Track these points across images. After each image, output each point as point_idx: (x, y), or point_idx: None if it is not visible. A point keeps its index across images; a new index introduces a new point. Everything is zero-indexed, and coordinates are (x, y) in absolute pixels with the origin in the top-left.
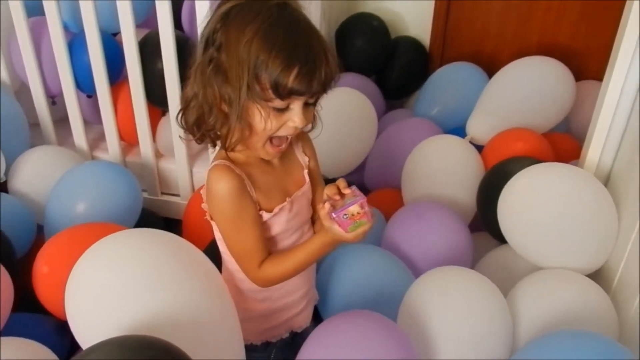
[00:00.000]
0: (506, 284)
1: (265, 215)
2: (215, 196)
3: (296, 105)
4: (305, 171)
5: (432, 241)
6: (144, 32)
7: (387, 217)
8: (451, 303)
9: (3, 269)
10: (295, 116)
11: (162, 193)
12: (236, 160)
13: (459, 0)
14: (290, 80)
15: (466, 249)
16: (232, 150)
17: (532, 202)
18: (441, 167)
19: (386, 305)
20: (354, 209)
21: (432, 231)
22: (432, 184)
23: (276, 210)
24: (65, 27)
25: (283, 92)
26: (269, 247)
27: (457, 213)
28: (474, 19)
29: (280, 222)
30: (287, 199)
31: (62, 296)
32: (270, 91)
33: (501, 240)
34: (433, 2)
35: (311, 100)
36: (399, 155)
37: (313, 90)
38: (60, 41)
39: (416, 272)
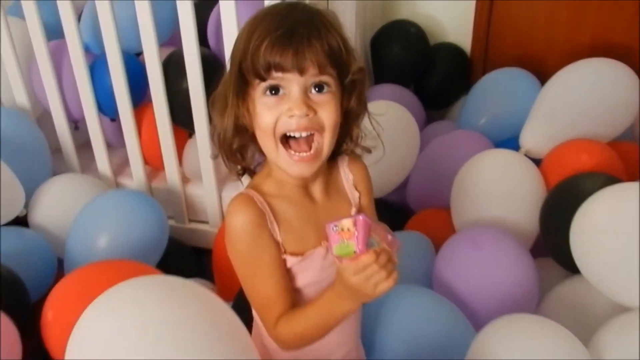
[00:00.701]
0: (584, 328)
1: (291, 260)
2: (228, 231)
3: (292, 88)
4: (354, 210)
5: (492, 275)
6: (169, 50)
7: (436, 242)
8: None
9: (5, 319)
10: (292, 101)
11: (190, 220)
12: (265, 191)
13: (502, 1)
14: (262, 50)
15: (532, 284)
16: (254, 171)
17: (613, 227)
18: (496, 185)
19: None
20: (346, 223)
21: (492, 263)
22: (486, 205)
23: (307, 254)
24: (87, 49)
25: (259, 67)
26: (296, 301)
27: (518, 240)
28: (519, 21)
29: (311, 270)
30: (323, 243)
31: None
32: (251, 74)
33: (570, 269)
34: (473, 4)
35: (316, 79)
36: (445, 171)
37: (298, 63)
38: (81, 63)
39: (474, 313)
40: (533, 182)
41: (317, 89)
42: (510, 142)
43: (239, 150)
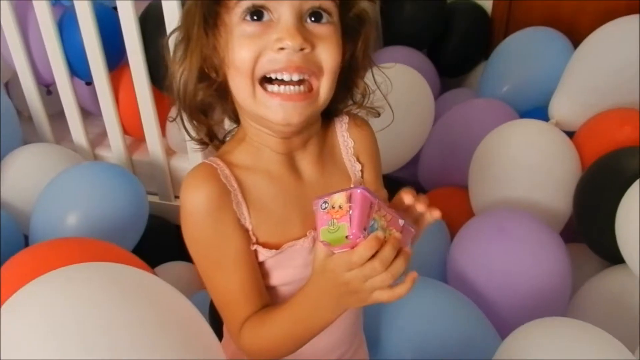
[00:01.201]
0: (626, 328)
1: (264, 254)
2: (183, 212)
3: (282, 12)
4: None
5: (519, 266)
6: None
7: (451, 225)
8: None
9: None
10: (282, 29)
11: (176, 197)
12: (235, 161)
13: None
14: None
15: (565, 277)
16: (222, 141)
17: None
18: (523, 161)
19: None
20: (338, 198)
21: (519, 251)
22: (511, 183)
23: (285, 247)
24: (58, 1)
25: None
26: (270, 300)
27: (550, 226)
28: None
29: (291, 267)
30: (309, 233)
31: None
32: None
33: (609, 258)
34: None
35: (315, 3)
36: (463, 145)
37: None
38: (48, 17)
39: (495, 309)
40: (566, 157)
41: (314, 18)
42: (538, 112)
43: (203, 106)
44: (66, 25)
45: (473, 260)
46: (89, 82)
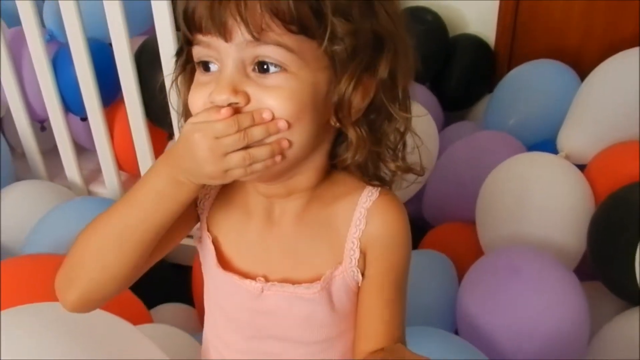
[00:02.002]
0: None
1: (205, 236)
2: None
3: (225, 61)
4: (339, 272)
5: (534, 308)
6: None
7: (458, 262)
8: None
9: None
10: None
11: None
12: None
13: None
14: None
15: (583, 320)
16: None
17: None
18: (533, 195)
19: None
20: None
21: (534, 293)
22: (520, 218)
23: (236, 279)
24: (52, 37)
25: (185, 22)
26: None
27: (565, 265)
28: (550, 10)
29: (227, 292)
30: (261, 279)
31: None
32: (182, 29)
33: (629, 299)
34: None
35: (257, 52)
36: (469, 179)
37: (215, 17)
38: (42, 53)
39: (515, 350)
40: (579, 191)
41: (257, 69)
42: (545, 145)
43: None
44: (60, 61)
45: (484, 304)
46: (84, 118)
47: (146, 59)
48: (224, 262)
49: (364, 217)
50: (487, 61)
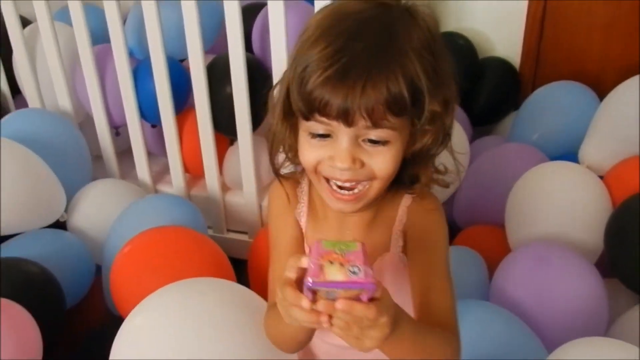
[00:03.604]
0: None
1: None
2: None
3: (340, 135)
4: (387, 258)
5: (561, 295)
6: (210, 57)
7: (487, 260)
8: None
9: (29, 319)
10: (337, 150)
11: (229, 230)
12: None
13: (554, 15)
14: (312, 80)
15: (603, 307)
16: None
17: None
18: (558, 200)
19: None
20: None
21: (561, 281)
22: (546, 220)
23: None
24: (130, 54)
25: (301, 106)
26: None
27: (586, 259)
28: (573, 35)
29: None
30: None
31: None
32: (296, 100)
33: (639, 291)
34: (524, 18)
35: (372, 135)
36: (497, 186)
37: (345, 114)
38: (126, 68)
39: (540, 332)
40: (598, 197)
41: (369, 142)
42: (567, 158)
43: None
44: (140, 75)
45: (516, 289)
46: (154, 125)
47: (215, 74)
48: None
49: (405, 214)
50: (513, 82)
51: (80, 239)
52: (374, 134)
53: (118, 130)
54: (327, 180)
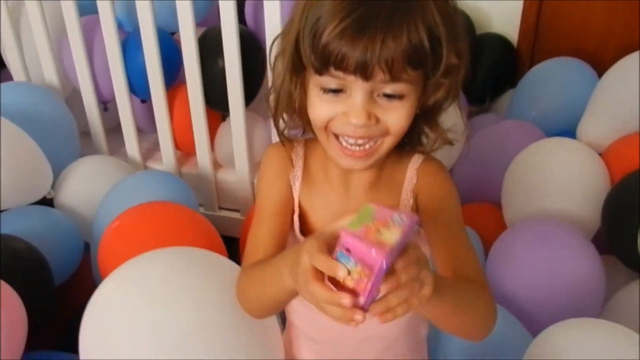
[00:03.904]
0: None
1: (293, 237)
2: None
3: (355, 89)
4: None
5: (557, 272)
6: (201, 30)
7: (484, 238)
8: None
9: (14, 297)
10: (351, 106)
11: (220, 208)
12: (315, 151)
13: None
14: (327, 32)
15: (599, 284)
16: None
17: None
18: (556, 176)
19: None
20: (355, 269)
21: (558, 258)
22: (543, 197)
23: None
24: (119, 26)
25: (315, 60)
26: None
27: (584, 236)
28: (571, 12)
29: None
30: None
31: None
32: (307, 61)
33: (635, 268)
34: None
35: (388, 89)
36: (493, 163)
37: (363, 67)
38: (114, 41)
39: (533, 313)
40: (596, 173)
41: (385, 96)
42: (565, 136)
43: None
44: (129, 47)
45: (511, 266)
46: (144, 100)
47: (207, 47)
48: (309, 232)
49: (415, 175)
50: (510, 58)
51: (68, 216)
52: (391, 88)
53: (106, 105)
54: (336, 137)
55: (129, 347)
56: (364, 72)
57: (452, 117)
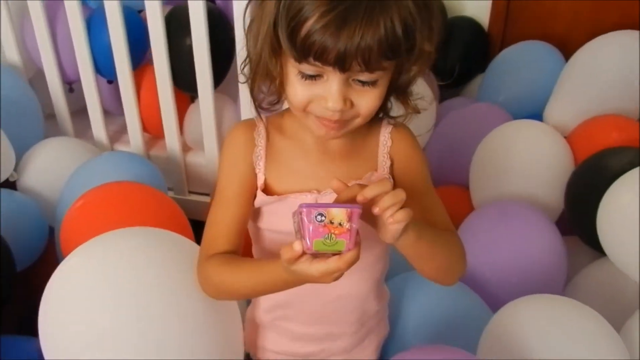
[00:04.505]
0: (614, 314)
1: (262, 198)
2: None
3: (332, 77)
4: (375, 176)
5: (520, 250)
6: (168, 8)
7: (453, 220)
8: (553, 342)
9: None
10: (328, 92)
11: (190, 192)
12: (278, 124)
13: None
14: (309, 25)
15: (562, 263)
16: (262, 108)
17: None
18: (522, 158)
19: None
20: (339, 215)
21: (520, 237)
22: (510, 179)
23: (285, 196)
24: (83, 2)
25: (294, 49)
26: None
27: (547, 216)
28: None
29: (283, 216)
30: (315, 192)
31: None
32: (286, 42)
33: (599, 249)
34: None
35: (363, 77)
36: (462, 146)
37: (341, 61)
38: (78, 18)
39: (496, 291)
40: (561, 155)
41: (360, 82)
42: (533, 118)
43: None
44: (94, 25)
45: (477, 245)
46: (111, 81)
47: (174, 26)
48: (283, 192)
49: (389, 138)
50: (481, 42)
51: (31, 199)
52: (366, 77)
53: (72, 86)
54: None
55: (88, 324)
56: (342, 65)
57: (421, 87)
